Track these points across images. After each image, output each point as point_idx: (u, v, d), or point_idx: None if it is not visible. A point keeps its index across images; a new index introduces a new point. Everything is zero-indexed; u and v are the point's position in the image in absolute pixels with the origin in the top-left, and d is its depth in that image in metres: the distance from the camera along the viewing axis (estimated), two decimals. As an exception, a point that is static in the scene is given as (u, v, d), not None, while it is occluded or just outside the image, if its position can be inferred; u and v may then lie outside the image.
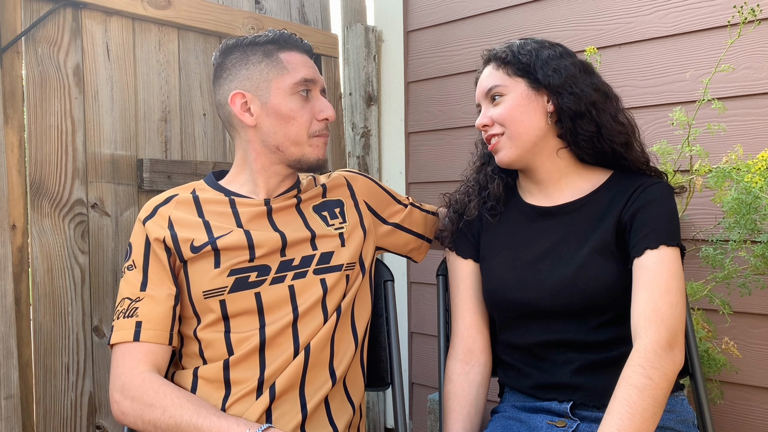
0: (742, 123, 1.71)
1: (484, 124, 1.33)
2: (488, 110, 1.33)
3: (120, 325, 1.23)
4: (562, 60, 1.30)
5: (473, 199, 1.40)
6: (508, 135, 1.30)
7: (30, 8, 1.58)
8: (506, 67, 1.31)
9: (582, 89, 1.28)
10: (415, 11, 2.43)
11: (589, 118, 1.27)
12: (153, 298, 1.24)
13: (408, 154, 2.48)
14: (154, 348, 1.23)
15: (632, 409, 1.05)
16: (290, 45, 1.34)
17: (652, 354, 1.09)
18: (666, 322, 1.12)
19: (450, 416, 1.30)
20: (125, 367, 1.20)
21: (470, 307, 1.38)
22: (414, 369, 2.48)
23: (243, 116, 1.31)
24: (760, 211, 1.41)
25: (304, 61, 1.33)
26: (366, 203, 1.45)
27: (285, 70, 1.30)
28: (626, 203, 1.24)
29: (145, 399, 1.16)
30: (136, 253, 1.28)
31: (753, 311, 1.69)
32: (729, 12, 1.70)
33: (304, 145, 1.32)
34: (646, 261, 1.17)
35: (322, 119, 1.33)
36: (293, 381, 1.24)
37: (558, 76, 1.28)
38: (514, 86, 1.30)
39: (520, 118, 1.29)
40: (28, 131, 1.58)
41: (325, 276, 1.30)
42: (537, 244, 1.30)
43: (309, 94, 1.32)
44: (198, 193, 1.34)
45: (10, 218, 1.52)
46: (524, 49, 1.31)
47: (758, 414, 1.71)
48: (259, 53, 1.31)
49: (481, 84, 1.35)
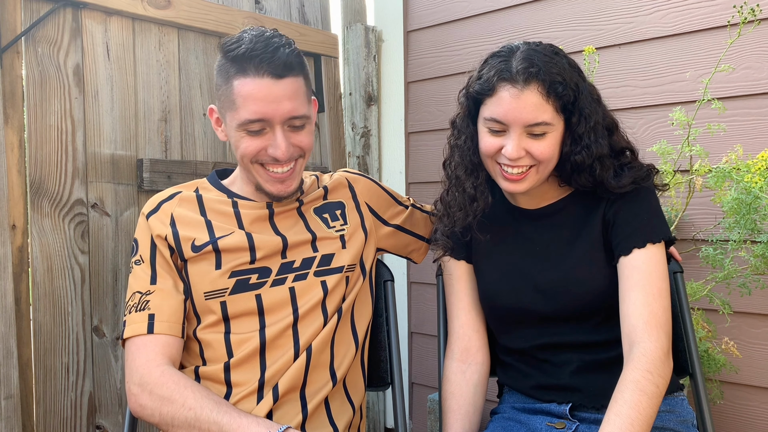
0: (742, 123, 1.71)
1: (519, 157, 1.17)
2: (523, 141, 1.17)
3: (132, 319, 1.22)
4: (590, 96, 1.20)
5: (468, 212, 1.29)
6: (536, 170, 1.19)
7: (30, 8, 1.58)
8: (556, 101, 1.15)
9: (596, 140, 1.19)
10: (415, 11, 2.43)
11: (589, 174, 1.20)
12: (164, 291, 1.24)
13: (408, 154, 2.48)
14: (168, 340, 1.22)
15: (641, 415, 1.05)
16: (251, 68, 1.16)
17: (659, 361, 1.10)
18: (664, 327, 1.13)
19: (448, 416, 1.30)
20: (141, 360, 1.20)
21: (465, 306, 1.37)
22: (414, 369, 2.48)
23: (217, 131, 1.30)
24: (760, 211, 1.41)
25: (256, 93, 1.17)
26: (367, 205, 1.45)
27: (234, 105, 1.19)
28: (609, 200, 1.22)
29: (164, 392, 1.15)
30: (143, 247, 1.27)
31: (753, 311, 1.69)
32: (729, 12, 1.69)
33: (252, 173, 1.25)
34: (635, 261, 1.16)
35: (270, 155, 1.21)
36: (295, 383, 1.24)
37: (586, 123, 1.18)
38: (558, 125, 1.18)
39: (553, 157, 1.19)
40: (28, 131, 1.58)
41: (325, 278, 1.30)
42: (526, 248, 1.30)
43: (262, 131, 1.20)
44: (201, 192, 1.34)
45: (10, 218, 1.52)
46: (572, 80, 1.17)
47: (758, 414, 1.71)
48: (223, 74, 1.21)
49: (521, 111, 1.14)
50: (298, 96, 1.21)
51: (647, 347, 1.10)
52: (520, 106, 1.14)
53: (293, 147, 1.23)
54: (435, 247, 1.39)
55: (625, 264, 1.17)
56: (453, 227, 1.32)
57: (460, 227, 1.31)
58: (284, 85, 1.18)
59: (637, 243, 1.17)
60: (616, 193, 1.21)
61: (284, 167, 1.24)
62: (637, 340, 1.12)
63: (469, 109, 1.26)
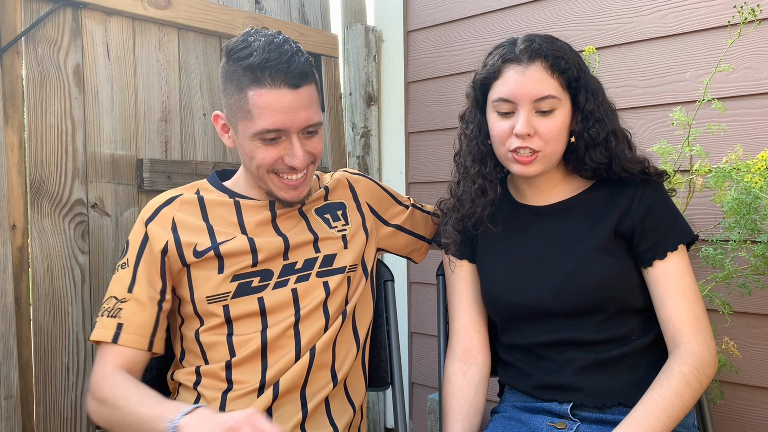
0: (742, 123, 1.71)
1: (528, 134, 1.18)
2: (532, 119, 1.18)
3: (102, 323, 1.23)
4: (595, 80, 1.23)
5: (477, 204, 1.31)
6: (545, 152, 1.20)
7: (30, 8, 1.58)
8: (560, 77, 1.18)
9: (606, 113, 1.21)
10: (415, 11, 2.43)
11: (604, 148, 1.22)
12: (138, 302, 1.24)
13: (408, 154, 2.48)
14: (129, 352, 1.22)
15: (682, 404, 1.10)
16: (268, 79, 1.15)
17: (706, 362, 1.15)
18: (709, 330, 1.18)
19: (449, 416, 1.30)
20: (97, 366, 1.21)
21: (467, 306, 1.38)
22: (414, 369, 2.48)
23: (223, 137, 1.29)
24: (760, 211, 1.41)
25: (275, 105, 1.16)
26: (368, 205, 1.45)
27: (249, 115, 1.18)
28: (629, 204, 1.23)
29: (100, 395, 1.17)
30: (132, 251, 1.28)
31: (753, 311, 1.69)
32: (729, 12, 1.70)
33: (266, 181, 1.25)
34: (670, 267, 1.20)
35: (288, 165, 1.22)
36: (296, 383, 1.24)
37: (594, 99, 1.20)
38: (564, 101, 1.20)
39: (561, 138, 1.21)
40: (28, 131, 1.58)
41: (328, 279, 1.30)
42: (533, 245, 1.30)
43: (278, 140, 1.20)
44: (203, 194, 1.33)
45: (10, 218, 1.52)
46: (573, 58, 1.20)
47: (758, 414, 1.71)
48: (234, 82, 1.19)
49: (528, 86, 1.17)
50: (312, 104, 1.21)
51: (695, 348, 1.15)
52: (526, 81, 1.17)
53: (307, 154, 1.24)
54: (446, 239, 1.38)
55: (660, 269, 1.20)
56: (463, 220, 1.33)
57: (471, 221, 1.32)
58: (300, 94, 1.18)
59: (670, 246, 1.20)
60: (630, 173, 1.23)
61: (298, 174, 1.24)
62: (684, 342, 1.16)
63: (477, 99, 1.30)
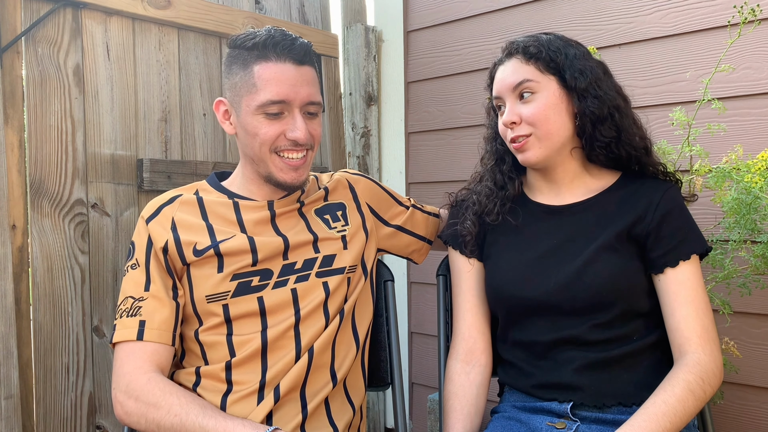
0: (742, 123, 1.71)
1: (513, 122, 1.26)
2: (516, 107, 1.26)
3: (123, 323, 1.22)
4: (586, 61, 1.27)
5: (493, 200, 1.35)
6: (537, 135, 1.25)
7: (30, 8, 1.58)
8: (537, 62, 1.25)
9: (606, 92, 1.25)
10: (415, 11, 2.43)
11: (611, 123, 1.25)
12: (157, 298, 1.24)
13: (408, 154, 2.48)
14: (157, 348, 1.22)
15: (685, 412, 1.11)
16: (273, 53, 1.22)
17: (711, 373, 1.16)
18: (716, 341, 1.19)
19: (450, 416, 1.30)
20: (129, 367, 1.20)
21: (472, 307, 1.38)
22: (414, 369, 2.48)
23: (224, 124, 1.31)
24: (760, 211, 1.41)
25: (279, 76, 1.21)
26: (368, 205, 1.45)
27: (254, 88, 1.22)
28: (646, 209, 1.23)
29: (149, 399, 1.16)
30: (139, 252, 1.27)
31: (753, 311, 1.69)
32: (729, 12, 1.70)
33: (267, 162, 1.26)
34: (681, 276, 1.21)
35: (290, 138, 1.24)
36: (296, 383, 1.24)
37: (584, 78, 1.24)
38: (546, 84, 1.25)
39: (553, 118, 1.24)
40: (28, 131, 1.58)
41: (327, 279, 1.30)
42: (543, 243, 1.30)
43: (280, 115, 1.23)
44: (202, 194, 1.33)
45: (10, 218, 1.52)
46: (553, 45, 1.26)
47: (758, 414, 1.71)
48: (239, 62, 1.24)
49: (506, 78, 1.27)
50: (314, 84, 1.27)
51: (702, 358, 1.16)
52: (505, 75, 1.28)
53: (308, 134, 1.26)
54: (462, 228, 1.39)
55: (671, 277, 1.21)
56: (482, 215, 1.36)
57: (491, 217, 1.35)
58: (304, 71, 1.24)
59: (682, 255, 1.22)
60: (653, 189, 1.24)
61: (299, 152, 1.26)
62: (691, 351, 1.17)
63: (491, 101, 1.37)
